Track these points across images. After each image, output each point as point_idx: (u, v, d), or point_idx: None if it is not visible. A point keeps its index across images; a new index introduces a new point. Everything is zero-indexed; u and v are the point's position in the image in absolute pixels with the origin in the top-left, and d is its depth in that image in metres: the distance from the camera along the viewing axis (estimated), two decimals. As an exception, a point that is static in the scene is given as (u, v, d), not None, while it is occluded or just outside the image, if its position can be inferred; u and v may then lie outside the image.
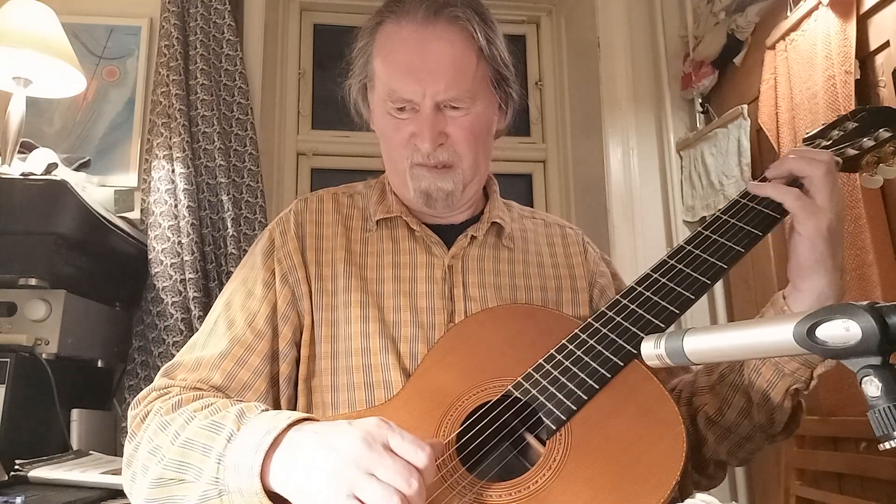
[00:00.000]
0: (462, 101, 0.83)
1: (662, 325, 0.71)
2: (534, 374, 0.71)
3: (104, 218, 1.56)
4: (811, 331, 0.48)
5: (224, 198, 1.85)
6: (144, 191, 1.86)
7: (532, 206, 1.07)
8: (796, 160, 0.75)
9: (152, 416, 0.73)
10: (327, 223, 0.92)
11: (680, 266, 0.75)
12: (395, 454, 0.57)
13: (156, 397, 0.76)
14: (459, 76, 0.82)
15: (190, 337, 0.86)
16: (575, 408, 0.67)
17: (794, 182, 0.76)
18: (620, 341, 0.71)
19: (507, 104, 0.91)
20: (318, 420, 0.65)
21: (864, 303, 0.46)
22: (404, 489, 0.55)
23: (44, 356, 1.37)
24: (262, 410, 0.68)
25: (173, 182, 1.81)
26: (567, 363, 0.71)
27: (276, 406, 0.82)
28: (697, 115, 2.19)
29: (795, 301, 0.75)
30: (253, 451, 0.61)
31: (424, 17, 0.82)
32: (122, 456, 1.59)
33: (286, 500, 0.60)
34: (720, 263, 0.73)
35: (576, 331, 0.74)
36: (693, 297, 0.72)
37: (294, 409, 0.83)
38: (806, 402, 0.79)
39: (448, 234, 0.91)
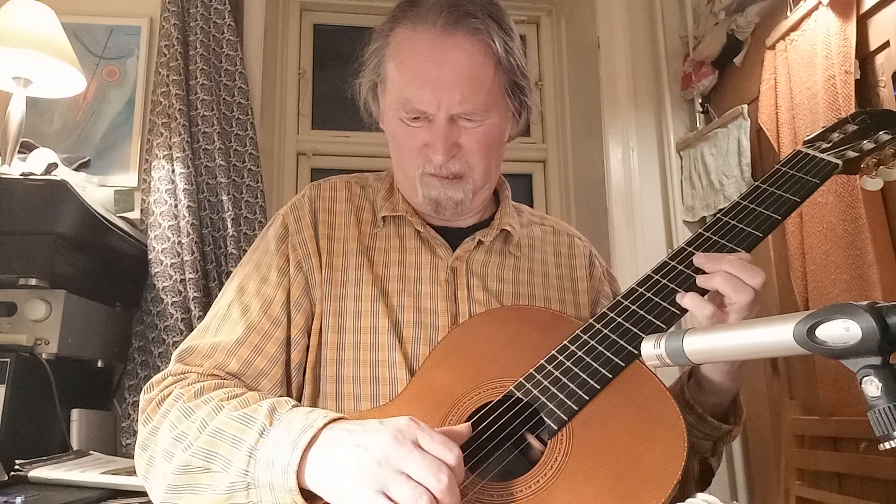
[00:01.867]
0: (477, 114, 0.82)
1: (663, 326, 0.71)
2: (535, 374, 0.71)
3: (104, 218, 1.56)
4: (811, 331, 0.48)
5: (224, 198, 1.85)
6: (144, 191, 1.86)
7: (532, 206, 1.07)
8: (725, 281, 0.70)
9: (172, 400, 0.72)
10: (340, 212, 0.91)
11: (681, 267, 0.75)
12: (425, 451, 0.58)
13: (172, 382, 0.76)
14: (476, 89, 0.81)
15: (190, 337, 0.86)
16: (576, 408, 0.67)
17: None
18: (622, 342, 0.71)
19: (520, 113, 0.90)
20: (349, 419, 0.65)
21: (864, 303, 0.46)
22: (433, 486, 0.55)
23: (44, 356, 1.37)
24: (293, 406, 0.68)
25: (173, 182, 1.81)
26: (568, 364, 0.71)
27: (289, 394, 0.82)
28: (697, 115, 2.19)
29: (692, 389, 0.79)
30: (290, 449, 0.61)
31: (444, 26, 0.79)
32: (122, 456, 1.60)
33: (317, 497, 0.61)
34: (720, 265, 0.73)
35: (577, 332, 0.74)
36: (694, 298, 0.73)
37: (301, 396, 0.84)
38: (806, 402, 0.81)
39: (454, 236, 0.91)
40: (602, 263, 1.00)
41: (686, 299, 0.72)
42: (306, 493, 0.61)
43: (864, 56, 1.49)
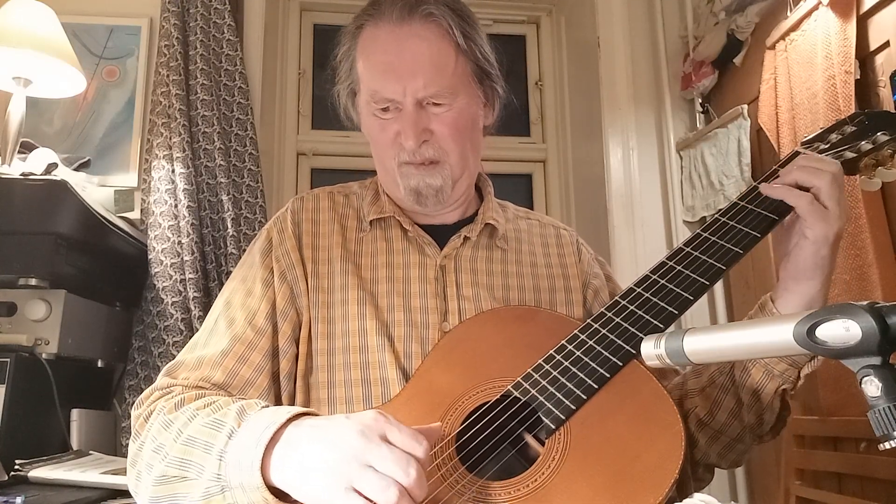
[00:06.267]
0: (443, 98, 0.84)
1: (661, 326, 0.71)
2: (533, 374, 0.71)
3: (104, 218, 1.56)
4: (811, 331, 0.48)
5: (224, 198, 1.85)
6: (144, 191, 1.86)
7: (532, 207, 1.08)
8: (801, 171, 0.75)
9: (156, 415, 0.73)
10: (323, 221, 0.92)
11: (679, 267, 0.75)
12: (393, 445, 0.58)
13: (158, 396, 0.77)
14: (438, 72, 0.83)
15: (190, 337, 0.87)
16: (574, 407, 0.67)
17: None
18: (619, 342, 0.71)
19: (491, 99, 0.92)
20: (317, 414, 0.66)
21: (864, 303, 0.46)
22: (402, 479, 0.55)
23: (44, 356, 1.37)
24: (263, 407, 0.68)
25: (173, 182, 1.81)
26: (566, 363, 0.71)
27: (278, 402, 0.83)
28: (697, 115, 2.19)
29: (785, 303, 0.75)
30: (253, 446, 0.61)
31: (399, 16, 0.83)
32: (122, 456, 1.60)
33: (287, 494, 0.61)
34: (719, 265, 0.73)
35: (575, 331, 0.74)
36: (692, 298, 0.73)
37: (293, 405, 0.84)
38: (806, 402, 0.80)
39: (441, 234, 0.92)
40: (590, 250, 1.02)
41: (781, 191, 0.74)
42: (276, 490, 0.61)
43: (864, 56, 1.49)
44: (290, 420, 0.63)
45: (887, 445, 0.46)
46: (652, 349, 0.60)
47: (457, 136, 0.86)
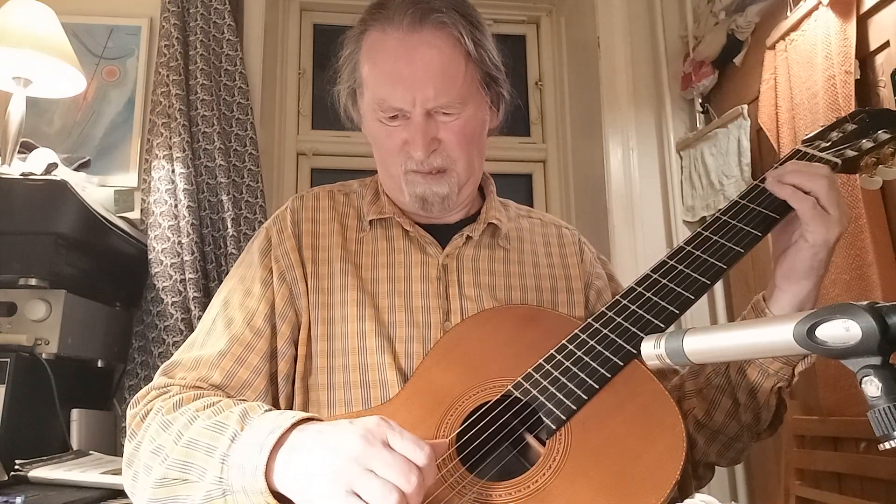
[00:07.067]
0: (453, 107, 0.83)
1: (662, 325, 0.71)
2: (534, 374, 0.71)
3: (104, 218, 1.56)
4: (811, 331, 0.48)
5: (224, 198, 1.85)
6: (144, 191, 1.86)
7: (532, 206, 1.07)
8: (798, 175, 0.74)
9: (153, 415, 0.73)
10: (323, 221, 0.92)
11: (680, 266, 0.75)
12: (395, 451, 0.58)
13: (155, 396, 0.76)
14: (448, 82, 0.82)
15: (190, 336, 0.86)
16: (575, 408, 0.67)
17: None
18: (620, 341, 0.71)
19: (498, 103, 0.91)
20: (321, 419, 0.66)
21: (864, 303, 0.46)
22: (403, 485, 0.55)
23: (44, 356, 1.37)
24: (266, 410, 0.68)
25: (173, 182, 1.81)
26: (567, 363, 0.71)
27: (275, 404, 0.82)
28: (697, 115, 2.19)
29: (777, 302, 0.76)
30: (257, 451, 0.61)
31: (410, 23, 0.81)
32: (122, 456, 1.60)
33: (290, 499, 0.61)
34: (720, 264, 0.73)
35: (576, 331, 0.74)
36: (693, 297, 0.73)
37: (291, 407, 0.83)
38: (806, 402, 0.80)
39: (442, 233, 0.91)
40: (592, 249, 1.01)
41: (787, 191, 0.74)
42: (280, 495, 0.61)
43: (864, 56, 1.49)
44: (294, 425, 0.63)
45: (887, 445, 0.46)
46: (652, 349, 0.60)
47: (464, 143, 0.85)
